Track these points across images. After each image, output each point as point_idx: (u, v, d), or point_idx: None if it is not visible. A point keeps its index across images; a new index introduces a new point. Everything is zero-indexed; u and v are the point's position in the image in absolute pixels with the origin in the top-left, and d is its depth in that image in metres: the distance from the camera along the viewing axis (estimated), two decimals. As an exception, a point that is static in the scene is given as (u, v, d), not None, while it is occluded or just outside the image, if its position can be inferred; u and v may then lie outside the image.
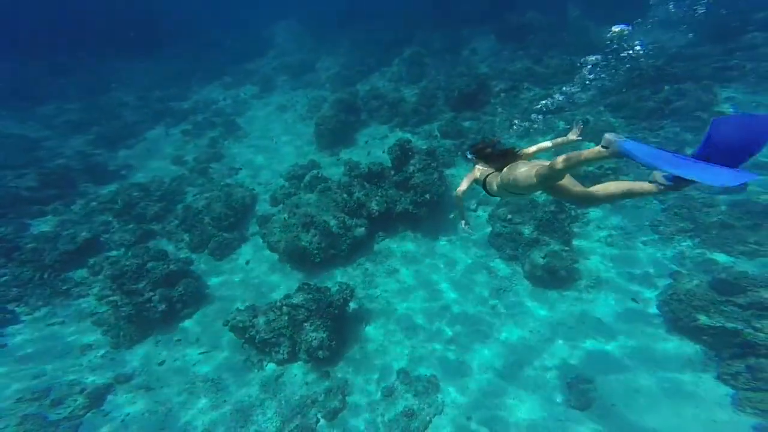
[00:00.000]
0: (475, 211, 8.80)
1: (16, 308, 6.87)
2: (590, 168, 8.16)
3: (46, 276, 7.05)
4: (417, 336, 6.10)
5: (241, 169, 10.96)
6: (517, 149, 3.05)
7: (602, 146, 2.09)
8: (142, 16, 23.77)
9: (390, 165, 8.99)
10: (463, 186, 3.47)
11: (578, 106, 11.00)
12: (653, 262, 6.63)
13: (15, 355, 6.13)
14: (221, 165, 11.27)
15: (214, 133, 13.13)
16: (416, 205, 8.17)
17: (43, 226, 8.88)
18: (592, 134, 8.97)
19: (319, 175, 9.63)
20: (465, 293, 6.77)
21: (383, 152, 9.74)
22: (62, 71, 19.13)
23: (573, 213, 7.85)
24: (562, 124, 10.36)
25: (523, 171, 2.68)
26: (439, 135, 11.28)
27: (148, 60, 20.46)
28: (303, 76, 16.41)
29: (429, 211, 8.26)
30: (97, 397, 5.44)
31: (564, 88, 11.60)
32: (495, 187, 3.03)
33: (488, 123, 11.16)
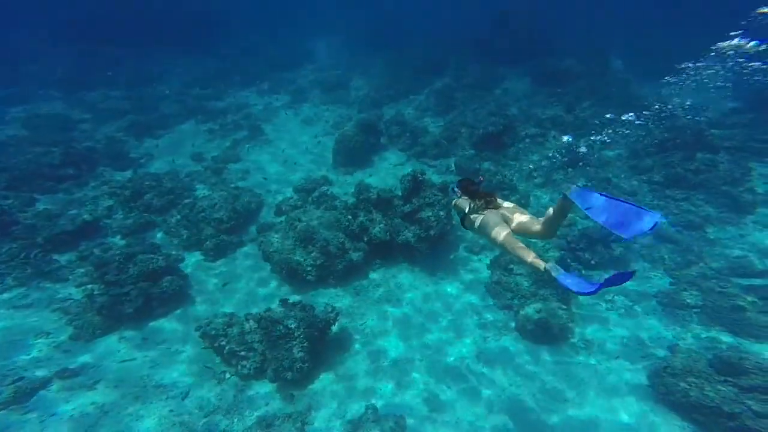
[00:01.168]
0: (477, 255, 8.48)
1: None
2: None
3: (32, 255, 7.03)
4: (395, 373, 5.73)
5: (264, 177, 11.00)
6: (495, 198, 3.42)
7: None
8: (195, 16, 25.19)
9: (400, 194, 8.84)
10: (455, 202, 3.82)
11: (602, 163, 10.65)
12: (651, 332, 6.39)
13: None
14: (237, 167, 11.43)
15: (239, 135, 13.44)
16: (419, 239, 7.91)
17: (50, 203, 9.08)
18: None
19: (328, 192, 9.56)
20: (451, 336, 6.44)
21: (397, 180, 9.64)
22: (116, 61, 20.34)
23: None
24: (581, 182, 10.03)
25: (494, 230, 3.09)
26: (455, 171, 11.13)
27: (195, 57, 21.48)
28: (334, 92, 16.83)
29: (430, 247, 7.99)
30: (27, 392, 5.03)
31: (591, 140, 11.32)
32: (468, 224, 3.41)
33: (508, 167, 10.94)
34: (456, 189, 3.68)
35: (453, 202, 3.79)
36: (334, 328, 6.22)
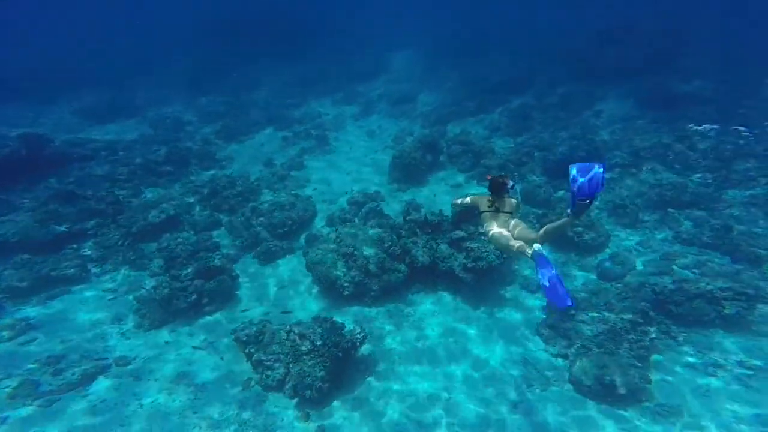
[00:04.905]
0: (533, 294, 7.62)
1: (93, 268, 8.00)
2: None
3: (125, 243, 8.36)
4: (416, 408, 5.38)
5: (321, 187, 11.48)
6: (511, 205, 3.97)
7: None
8: (292, 25, 27.24)
9: (450, 218, 8.41)
10: (461, 201, 4.60)
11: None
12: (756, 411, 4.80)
13: (65, 314, 6.97)
14: (299, 175, 12.16)
15: (307, 144, 14.34)
16: (465, 269, 7.39)
17: (150, 195, 10.74)
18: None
19: (378, 208, 9.54)
20: (487, 377, 5.82)
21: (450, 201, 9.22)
22: (228, 70, 23.09)
23: (663, 328, 6.11)
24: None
25: (501, 237, 3.71)
26: (519, 199, 10.17)
27: (286, 65, 22.86)
28: (401, 106, 16.92)
29: (476, 279, 7.39)
30: (90, 376, 5.69)
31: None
32: (483, 221, 4.02)
33: None
34: (489, 179, 4.04)
35: (466, 198, 4.46)
36: (361, 349, 6.11)
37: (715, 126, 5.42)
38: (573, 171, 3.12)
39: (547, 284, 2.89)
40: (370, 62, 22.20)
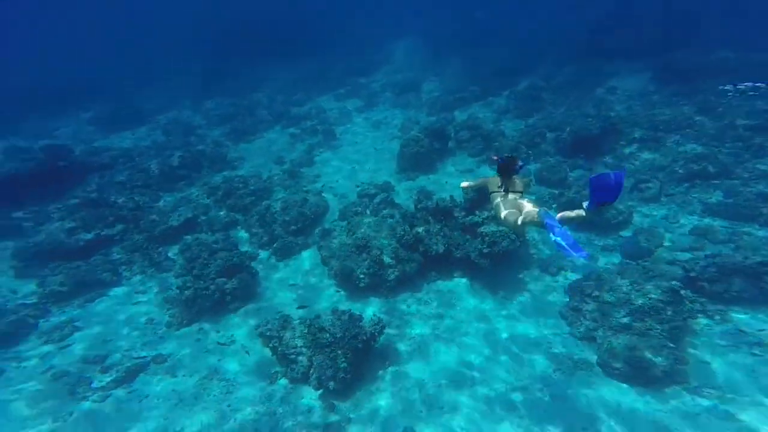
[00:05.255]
0: (553, 276, 7.54)
1: (124, 272, 8.37)
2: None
3: (149, 246, 8.66)
4: (438, 396, 5.44)
5: (331, 181, 11.59)
6: (520, 185, 4.02)
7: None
8: (291, 25, 27.24)
9: (461, 203, 8.34)
10: (470, 183, 4.70)
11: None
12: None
13: (104, 316, 7.39)
14: (309, 171, 12.25)
15: (314, 140, 14.39)
16: (481, 255, 7.35)
17: (168, 200, 11.05)
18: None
19: (389, 199, 9.55)
20: (511, 367, 5.78)
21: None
22: (232, 73, 23.28)
23: (698, 306, 5.95)
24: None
25: (510, 216, 3.77)
26: (533, 180, 9.98)
27: (287, 64, 23.03)
28: (405, 95, 16.73)
29: (493, 264, 7.35)
30: (133, 373, 6.05)
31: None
32: (493, 203, 4.07)
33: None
34: (497, 160, 4.05)
35: (475, 181, 4.61)
36: (380, 339, 6.20)
37: (761, 83, 5.03)
38: (594, 181, 3.04)
39: (559, 239, 3.05)
40: (368, 56, 21.99)
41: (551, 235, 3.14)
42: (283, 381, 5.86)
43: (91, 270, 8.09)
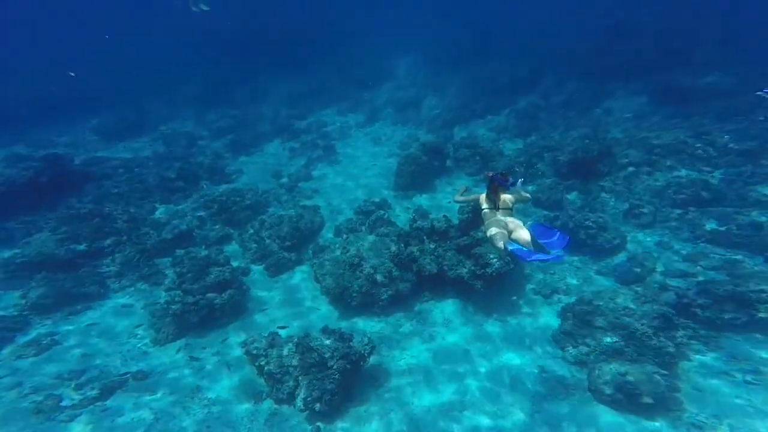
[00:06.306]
0: (546, 299, 7.47)
1: (112, 284, 8.22)
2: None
3: (140, 259, 8.59)
4: (429, 420, 5.32)
5: (329, 197, 11.56)
6: (507, 202, 4.21)
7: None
8: (295, 35, 27.45)
9: (457, 224, 8.36)
10: (461, 198, 4.79)
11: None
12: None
13: (87, 329, 7.21)
14: (307, 185, 12.28)
15: (314, 154, 14.48)
16: (474, 276, 7.31)
17: (163, 212, 11.03)
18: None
19: (385, 217, 9.54)
20: (502, 392, 5.65)
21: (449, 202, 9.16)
22: (237, 83, 23.34)
23: (690, 333, 5.94)
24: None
25: (496, 233, 3.85)
26: (529, 192, 10.00)
27: (291, 76, 22.91)
28: (406, 112, 16.94)
29: (486, 285, 7.29)
30: (109, 391, 5.82)
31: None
32: (483, 220, 4.18)
33: (600, 201, 9.47)
34: (493, 176, 4.20)
35: (470, 195, 4.69)
36: (371, 360, 6.08)
37: None
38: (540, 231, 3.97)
39: (533, 259, 3.49)
40: (372, 70, 22.29)
41: (525, 259, 3.62)
42: (269, 402, 5.71)
43: (78, 282, 7.98)
